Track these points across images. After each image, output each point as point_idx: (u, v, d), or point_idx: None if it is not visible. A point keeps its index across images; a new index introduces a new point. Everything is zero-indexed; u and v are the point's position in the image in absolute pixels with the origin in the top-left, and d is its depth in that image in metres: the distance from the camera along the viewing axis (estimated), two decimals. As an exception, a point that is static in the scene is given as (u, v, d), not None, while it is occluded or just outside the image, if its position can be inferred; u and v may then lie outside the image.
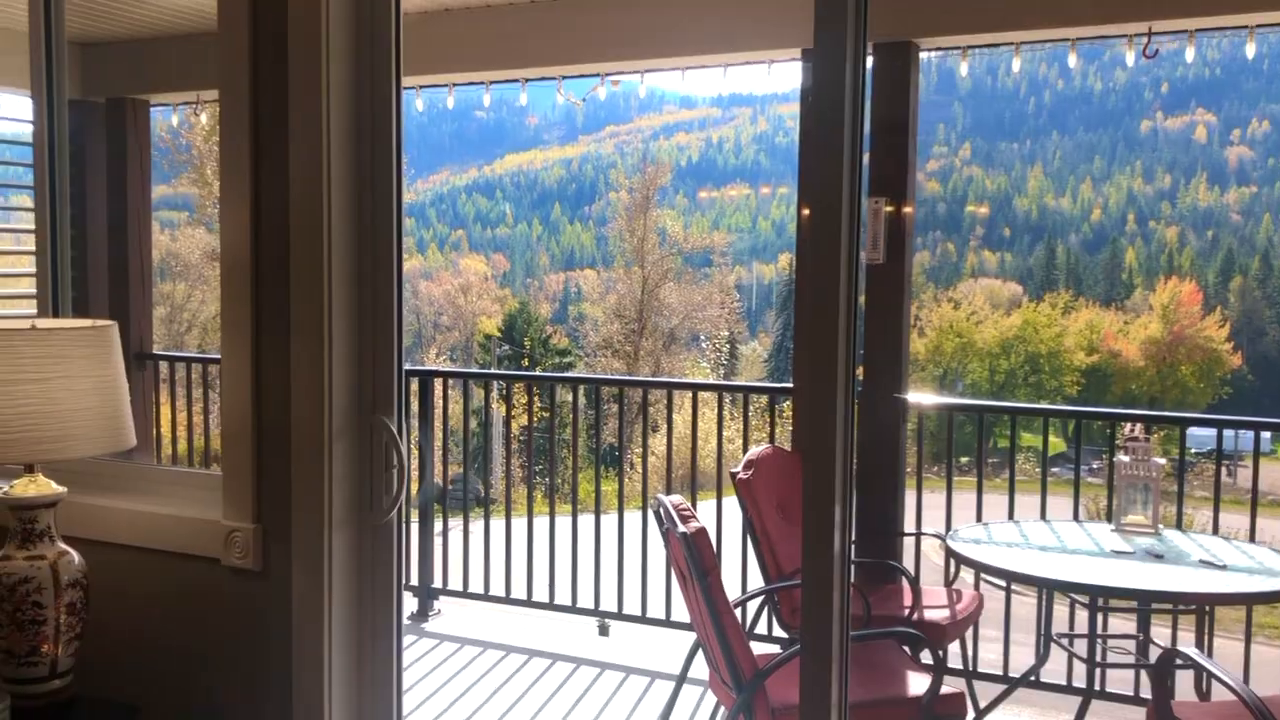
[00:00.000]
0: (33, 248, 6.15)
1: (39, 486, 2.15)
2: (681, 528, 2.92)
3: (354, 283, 2.22)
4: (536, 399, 6.68)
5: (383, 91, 2.19)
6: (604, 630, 5.12)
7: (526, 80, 5.15)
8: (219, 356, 2.28)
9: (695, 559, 2.89)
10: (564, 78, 5.17)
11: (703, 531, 2.95)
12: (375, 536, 2.28)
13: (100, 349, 2.11)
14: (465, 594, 5.33)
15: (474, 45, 4.86)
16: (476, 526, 5.44)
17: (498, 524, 5.58)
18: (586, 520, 5.22)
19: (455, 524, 5.54)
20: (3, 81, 5.23)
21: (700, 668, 3.60)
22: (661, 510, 3.12)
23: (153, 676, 2.44)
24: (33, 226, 6.14)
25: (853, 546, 1.99)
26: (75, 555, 2.18)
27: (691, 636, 4.51)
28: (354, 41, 2.18)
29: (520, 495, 5.51)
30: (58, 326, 2.10)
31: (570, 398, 6.85)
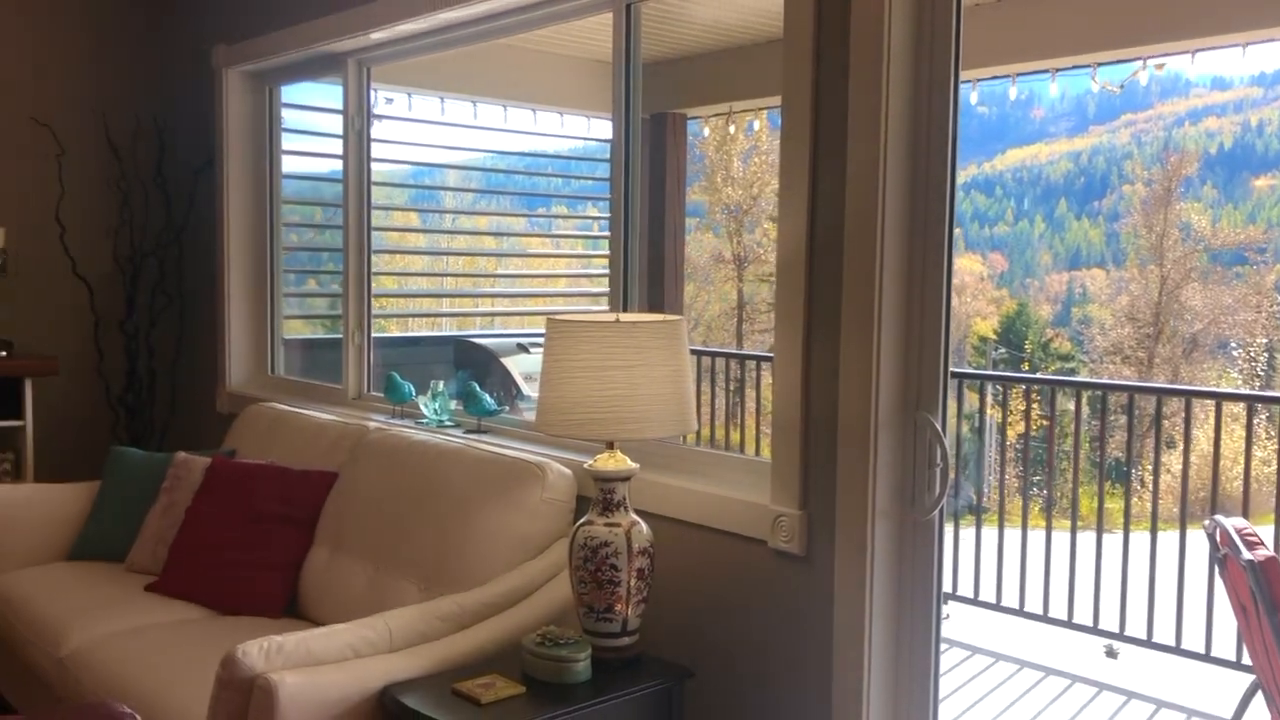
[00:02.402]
0: (581, 250, 6.97)
1: (617, 462, 2.41)
2: (1247, 554, 2.62)
3: (904, 280, 2.25)
4: (1036, 405, 6.35)
5: (941, 88, 2.19)
6: (1111, 653, 4.78)
7: (1057, 70, 4.90)
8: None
9: (1263, 590, 2.58)
10: (1099, 65, 4.85)
11: (1273, 560, 2.63)
12: (916, 533, 2.29)
13: (672, 341, 2.32)
14: (975, 601, 5.20)
15: (1002, 37, 4.70)
16: (968, 534, 5.31)
17: (989, 533, 5.40)
18: (1091, 538, 4.89)
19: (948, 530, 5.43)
20: (570, 104, 5.98)
21: (1257, 711, 3.22)
22: (1219, 533, 2.82)
23: (701, 645, 2.63)
24: (587, 232, 6.96)
25: None
26: (644, 525, 2.42)
27: (1235, 676, 4.05)
28: (914, 40, 2.20)
29: (1016, 506, 5.27)
30: (638, 320, 2.33)
31: (1088, 406, 6.41)
